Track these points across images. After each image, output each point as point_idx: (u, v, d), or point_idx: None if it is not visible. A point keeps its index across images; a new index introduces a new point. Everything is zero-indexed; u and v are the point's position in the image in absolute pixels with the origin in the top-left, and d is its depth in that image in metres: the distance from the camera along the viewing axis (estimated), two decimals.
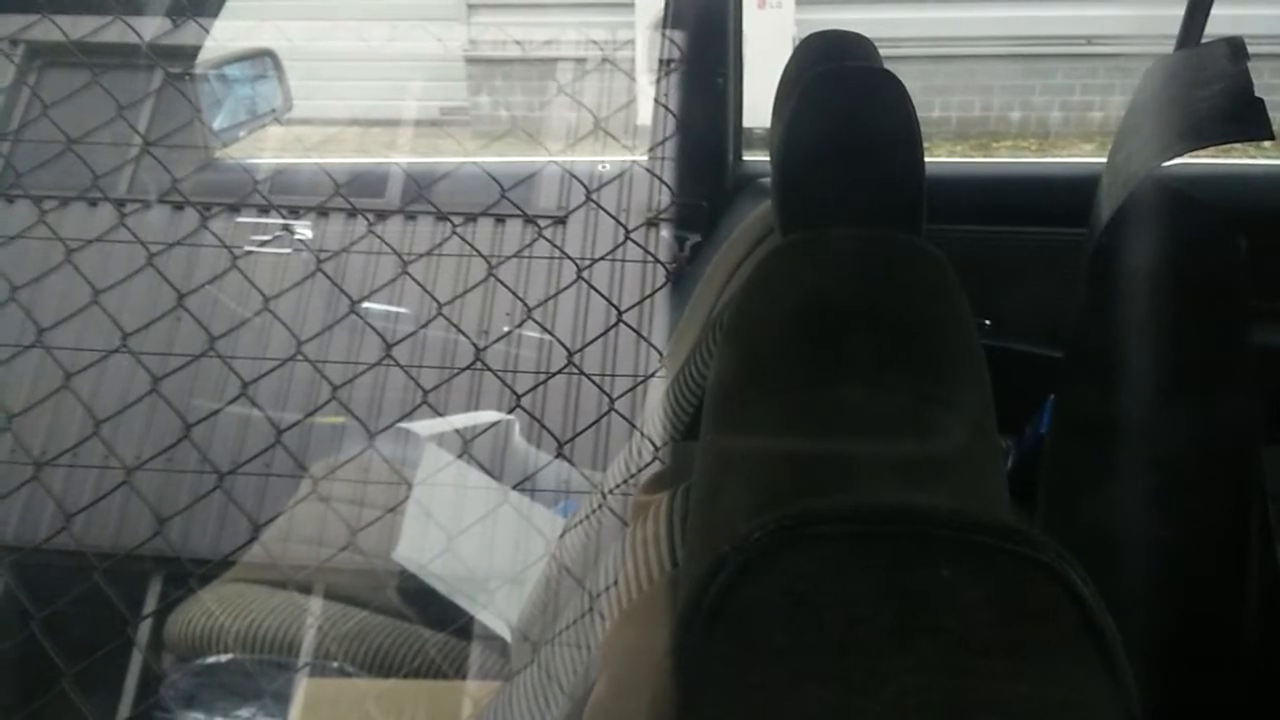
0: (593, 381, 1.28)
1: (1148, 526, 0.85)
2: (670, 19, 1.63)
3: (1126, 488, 0.88)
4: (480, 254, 1.73)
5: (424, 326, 1.70)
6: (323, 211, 1.87)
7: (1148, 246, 0.94)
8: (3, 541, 1.61)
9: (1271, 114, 0.86)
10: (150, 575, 1.62)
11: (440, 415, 1.58)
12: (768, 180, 0.90)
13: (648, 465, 1.01)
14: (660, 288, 1.67)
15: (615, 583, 0.65)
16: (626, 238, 1.67)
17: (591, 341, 1.63)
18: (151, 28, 1.44)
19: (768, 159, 0.94)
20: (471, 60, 4.89)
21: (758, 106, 1.48)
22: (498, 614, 1.21)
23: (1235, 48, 0.92)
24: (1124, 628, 0.33)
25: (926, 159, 0.79)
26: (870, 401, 0.49)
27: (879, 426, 0.48)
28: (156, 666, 1.35)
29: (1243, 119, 0.85)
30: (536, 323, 1.73)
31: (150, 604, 1.58)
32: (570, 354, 1.40)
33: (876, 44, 0.97)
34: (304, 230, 1.89)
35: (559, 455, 1.49)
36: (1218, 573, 0.82)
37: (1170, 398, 0.88)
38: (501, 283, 1.63)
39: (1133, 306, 0.94)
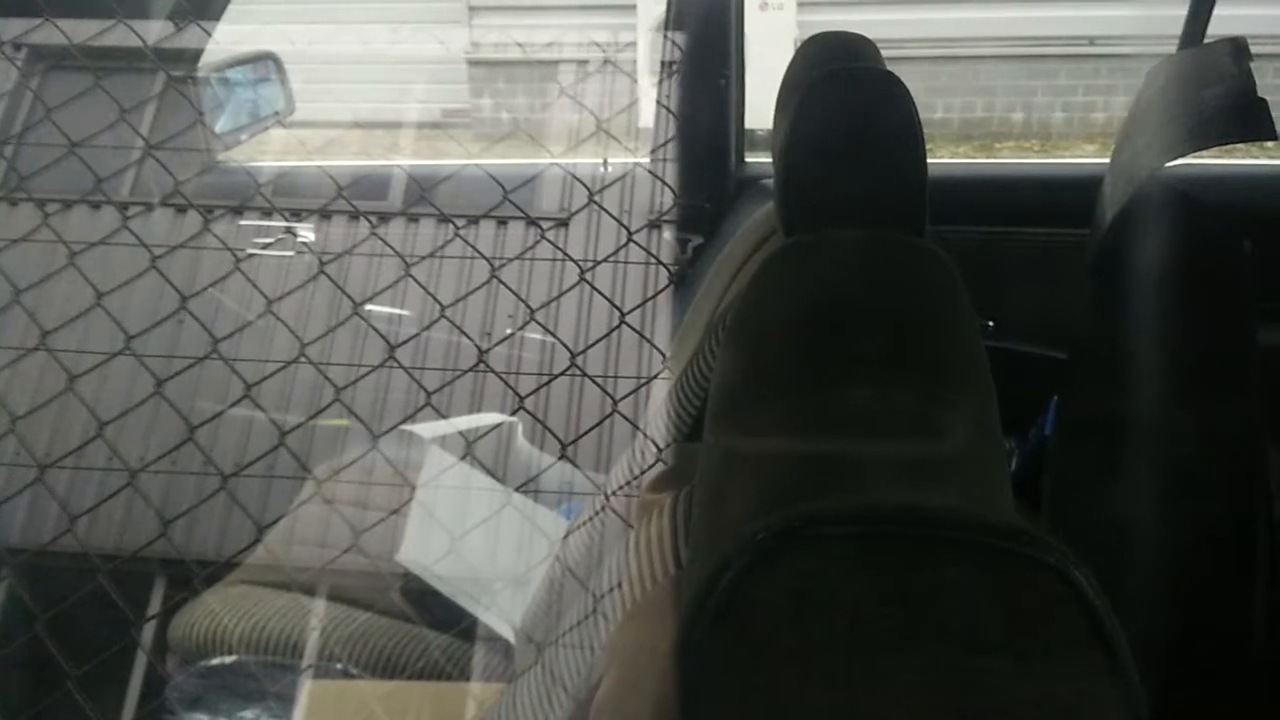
0: (595, 383, 1.28)
1: (1152, 528, 0.85)
2: (672, 21, 1.63)
3: (1130, 489, 0.88)
4: (483, 256, 1.73)
5: (427, 329, 1.70)
6: (325, 214, 1.87)
7: (1151, 247, 0.94)
8: (7, 543, 1.61)
9: (1275, 114, 0.86)
10: (154, 577, 1.62)
11: (443, 417, 1.58)
12: (770, 182, 0.90)
13: (651, 467, 1.01)
14: (663, 289, 1.67)
15: (620, 582, 0.64)
16: (629, 240, 1.67)
17: (594, 343, 1.63)
18: (154, 31, 1.45)
19: (770, 160, 0.94)
20: (473, 63, 4.89)
21: (760, 108, 1.48)
22: (501, 615, 1.21)
23: (1238, 48, 0.92)
24: (1129, 629, 0.32)
25: (929, 160, 0.79)
26: (874, 402, 0.49)
27: (883, 427, 0.48)
28: (161, 668, 1.35)
29: (1246, 119, 0.85)
30: (539, 325, 1.73)
31: (154, 606, 1.58)
32: (573, 356, 1.39)
33: (879, 45, 0.97)
34: (306, 233, 1.89)
35: (562, 457, 1.49)
36: (1224, 575, 0.82)
37: (1174, 399, 0.88)
38: (504, 284, 1.63)
39: (1136, 307, 0.94)
